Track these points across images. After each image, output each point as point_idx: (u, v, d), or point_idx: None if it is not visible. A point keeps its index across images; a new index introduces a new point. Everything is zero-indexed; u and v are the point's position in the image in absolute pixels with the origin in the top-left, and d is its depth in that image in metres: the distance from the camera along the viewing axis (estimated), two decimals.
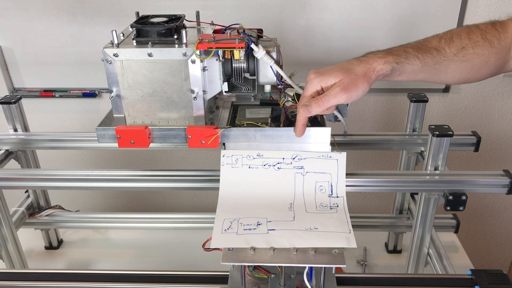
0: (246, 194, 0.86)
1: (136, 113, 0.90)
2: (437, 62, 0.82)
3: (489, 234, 1.90)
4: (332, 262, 0.72)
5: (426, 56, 0.81)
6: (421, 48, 0.82)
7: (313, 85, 0.79)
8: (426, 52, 0.82)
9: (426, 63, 0.81)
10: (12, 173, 1.04)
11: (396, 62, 0.80)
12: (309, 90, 0.80)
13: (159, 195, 1.86)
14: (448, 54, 0.82)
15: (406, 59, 0.80)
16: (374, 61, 0.79)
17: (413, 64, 0.81)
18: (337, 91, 0.76)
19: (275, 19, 1.44)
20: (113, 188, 1.05)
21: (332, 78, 0.78)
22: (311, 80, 0.80)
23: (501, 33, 0.82)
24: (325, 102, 0.78)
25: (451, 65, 0.82)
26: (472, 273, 0.83)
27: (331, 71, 0.78)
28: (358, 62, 0.79)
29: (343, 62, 0.82)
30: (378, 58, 0.79)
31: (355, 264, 1.32)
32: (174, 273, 0.86)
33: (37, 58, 1.53)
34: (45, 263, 1.36)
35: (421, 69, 0.82)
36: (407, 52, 0.81)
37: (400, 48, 0.82)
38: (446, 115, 1.63)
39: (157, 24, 0.88)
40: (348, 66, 0.79)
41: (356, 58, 0.82)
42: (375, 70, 0.79)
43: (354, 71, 0.78)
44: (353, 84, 0.77)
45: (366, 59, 0.80)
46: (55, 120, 1.66)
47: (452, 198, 0.93)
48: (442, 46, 0.82)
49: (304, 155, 0.87)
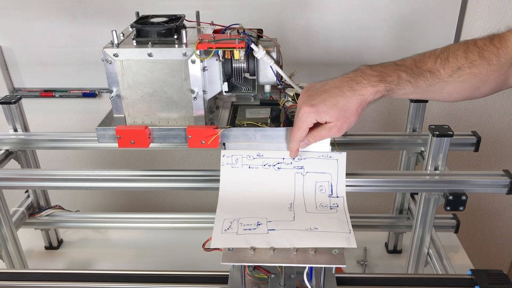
0: (246, 194, 0.86)
1: (136, 113, 0.90)
2: (430, 85, 0.80)
3: (489, 234, 1.90)
4: (332, 262, 0.72)
5: (419, 80, 0.80)
6: (414, 71, 0.80)
7: (310, 120, 0.79)
8: (419, 76, 0.80)
9: (418, 86, 0.80)
10: (12, 173, 1.04)
11: (387, 90, 0.79)
12: (305, 124, 0.80)
13: (159, 195, 1.86)
14: (443, 76, 0.80)
15: (397, 85, 0.79)
16: (366, 90, 0.78)
17: (404, 88, 0.80)
18: (333, 133, 0.80)
19: (275, 19, 1.44)
20: (113, 188, 1.05)
21: (327, 117, 0.78)
22: (306, 114, 0.79)
23: (500, 49, 0.79)
24: (321, 139, 0.83)
25: (446, 86, 0.80)
26: (472, 273, 0.83)
27: (326, 110, 0.78)
28: (352, 93, 0.78)
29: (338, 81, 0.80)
30: (371, 86, 0.78)
31: (355, 264, 1.32)
32: (174, 273, 0.86)
33: (37, 58, 1.53)
34: (45, 263, 1.36)
35: (413, 92, 0.81)
36: (400, 78, 0.79)
37: (394, 71, 0.80)
38: (446, 115, 1.63)
39: (157, 24, 0.88)
40: (342, 102, 0.78)
41: (348, 83, 0.79)
42: (366, 101, 0.79)
43: (348, 108, 0.78)
44: (346, 123, 0.79)
45: (359, 88, 0.78)
46: (55, 120, 1.66)
47: (452, 198, 0.93)
48: (437, 68, 0.80)
49: (304, 155, 0.87)
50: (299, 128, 0.81)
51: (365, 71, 0.80)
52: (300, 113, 0.80)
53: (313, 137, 0.82)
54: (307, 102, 0.79)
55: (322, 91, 0.80)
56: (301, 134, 0.81)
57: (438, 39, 1.46)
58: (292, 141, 0.84)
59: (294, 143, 0.84)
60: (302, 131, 0.81)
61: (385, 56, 1.48)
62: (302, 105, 0.80)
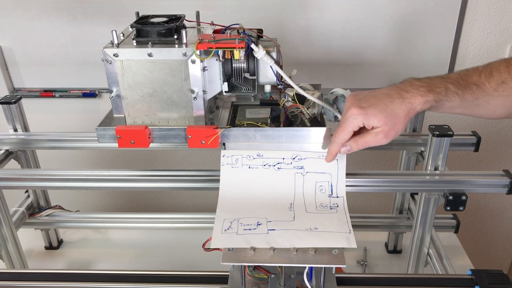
0: (246, 194, 0.86)
1: (136, 113, 0.90)
2: (476, 98, 0.80)
3: (489, 234, 1.90)
4: (332, 262, 0.72)
5: (466, 92, 0.79)
6: (461, 83, 0.80)
7: (356, 123, 0.78)
8: (466, 88, 0.79)
9: (465, 99, 0.80)
10: (12, 173, 1.04)
11: (435, 100, 0.78)
12: (351, 126, 0.78)
13: (159, 195, 1.86)
14: (488, 89, 0.79)
15: (445, 96, 0.79)
16: (415, 99, 0.78)
17: (451, 100, 0.79)
18: (379, 139, 0.78)
19: (275, 19, 1.44)
20: (113, 188, 1.05)
21: (376, 121, 0.77)
22: (354, 116, 0.77)
23: None
24: (365, 145, 0.79)
25: (491, 100, 0.80)
26: (472, 273, 0.83)
27: (375, 114, 0.77)
28: (401, 101, 0.77)
29: (387, 89, 0.80)
30: (420, 96, 0.78)
31: (355, 264, 1.32)
32: (174, 273, 0.86)
33: (37, 58, 1.52)
34: (45, 263, 1.36)
35: (459, 105, 0.80)
36: (447, 89, 0.79)
37: (442, 83, 0.80)
38: (446, 115, 1.63)
39: (157, 24, 0.88)
40: (392, 107, 0.77)
41: (398, 92, 0.79)
42: (415, 110, 0.78)
43: (396, 114, 0.77)
44: (393, 129, 0.78)
45: (408, 97, 0.78)
46: (55, 120, 1.66)
47: (452, 198, 0.93)
48: (482, 81, 0.80)
49: (304, 155, 0.87)
50: (344, 130, 0.79)
51: (413, 82, 0.80)
52: (347, 114, 0.78)
53: (357, 143, 0.79)
54: (356, 104, 0.78)
55: (372, 96, 0.79)
56: (345, 137, 0.79)
57: (438, 39, 1.46)
58: (334, 142, 0.81)
59: (335, 145, 0.81)
60: (347, 133, 0.79)
61: (385, 56, 1.49)
62: (351, 107, 0.78)
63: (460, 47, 1.49)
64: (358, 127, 0.79)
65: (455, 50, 1.48)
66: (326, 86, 1.07)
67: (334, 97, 0.94)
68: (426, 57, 1.49)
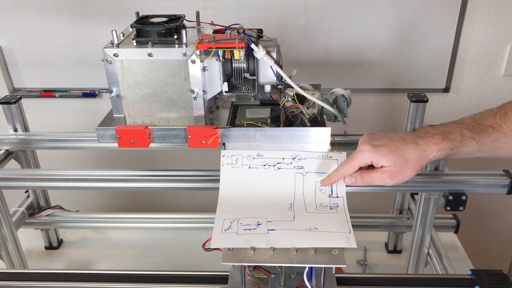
0: (246, 194, 0.86)
1: (136, 113, 0.90)
2: (494, 140, 0.79)
3: (489, 234, 1.90)
4: (332, 262, 0.72)
5: (482, 136, 0.79)
6: (476, 127, 0.79)
7: (364, 159, 0.78)
8: (482, 132, 0.79)
9: (483, 143, 0.79)
10: (12, 173, 1.04)
11: (450, 148, 0.78)
12: (358, 161, 0.79)
13: (159, 195, 1.86)
14: (505, 130, 0.79)
15: (461, 143, 0.78)
16: (428, 147, 0.78)
17: (469, 146, 0.79)
18: (385, 178, 0.78)
19: (275, 19, 1.44)
20: (113, 188, 1.05)
21: (384, 161, 0.77)
22: (363, 152, 0.78)
23: None
24: (370, 182, 0.79)
25: (510, 141, 0.79)
26: (472, 273, 0.83)
27: (385, 153, 0.77)
28: (414, 146, 0.77)
29: (403, 134, 0.80)
30: (434, 144, 0.78)
31: (355, 264, 1.32)
32: (174, 273, 0.86)
33: (37, 58, 1.52)
34: (45, 263, 1.36)
35: (478, 150, 0.80)
36: (463, 135, 0.79)
37: (456, 129, 0.79)
38: (446, 115, 1.63)
39: (157, 24, 0.88)
40: (403, 150, 0.77)
41: (413, 137, 0.79)
42: (427, 158, 0.78)
43: (407, 158, 0.77)
44: (401, 172, 0.77)
45: (422, 143, 0.78)
46: (55, 120, 1.66)
47: (452, 198, 0.93)
48: (498, 123, 0.79)
49: (304, 155, 0.87)
50: (350, 163, 0.79)
51: (428, 130, 0.81)
52: (357, 150, 0.79)
53: (362, 177, 0.80)
54: (368, 141, 0.79)
55: (386, 137, 0.80)
56: (349, 169, 0.80)
57: (438, 39, 1.46)
58: (337, 171, 0.82)
59: (337, 174, 0.82)
60: (352, 167, 0.79)
61: (385, 56, 1.49)
62: (363, 143, 0.79)
63: (460, 47, 1.49)
64: (365, 164, 0.79)
65: (455, 50, 1.48)
66: (326, 86, 1.07)
67: (334, 97, 0.94)
68: (426, 57, 1.49)
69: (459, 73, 1.54)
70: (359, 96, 1.59)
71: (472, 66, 1.53)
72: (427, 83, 1.54)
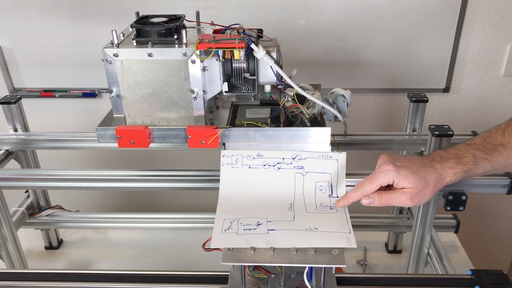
0: (246, 194, 0.86)
1: (136, 113, 0.90)
2: (507, 158, 0.80)
3: (489, 234, 1.90)
4: (332, 262, 0.72)
5: (494, 155, 0.79)
6: (487, 147, 0.80)
7: (386, 179, 0.78)
8: (493, 151, 0.79)
9: (495, 162, 0.80)
10: (12, 173, 1.04)
11: (465, 171, 0.79)
12: (380, 180, 0.78)
13: (159, 195, 1.86)
14: None
15: (475, 165, 0.79)
16: (445, 171, 0.78)
17: (482, 167, 0.79)
18: (404, 199, 0.77)
19: (275, 19, 1.44)
20: (113, 188, 1.05)
21: (406, 182, 0.77)
22: (386, 171, 0.78)
23: None
24: (388, 203, 0.79)
25: None
26: (472, 273, 0.83)
27: (407, 175, 0.77)
28: (432, 170, 0.78)
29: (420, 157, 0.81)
30: (449, 168, 0.78)
31: (355, 264, 1.32)
32: (174, 273, 0.86)
33: (37, 58, 1.53)
34: (45, 263, 1.36)
35: (492, 169, 0.80)
36: (475, 157, 0.79)
37: (468, 151, 0.80)
38: (446, 115, 1.63)
39: (157, 24, 0.88)
40: (424, 173, 0.77)
41: (429, 161, 0.80)
42: (444, 182, 0.79)
43: (427, 181, 0.77)
44: (421, 194, 0.77)
45: (439, 168, 0.78)
46: (55, 120, 1.66)
47: (452, 198, 0.93)
48: (508, 140, 0.80)
49: (304, 155, 0.87)
50: (372, 182, 0.78)
51: (442, 154, 0.81)
52: (380, 169, 0.79)
53: (380, 197, 0.78)
54: (390, 161, 0.78)
55: (406, 159, 0.80)
56: (370, 189, 0.79)
57: (438, 39, 1.46)
58: (357, 191, 0.80)
59: (357, 194, 0.80)
60: (374, 186, 0.79)
61: (385, 56, 1.49)
62: (386, 163, 0.79)
63: (460, 47, 1.49)
64: (387, 183, 0.79)
65: (455, 50, 1.48)
66: (326, 86, 1.07)
67: (334, 97, 0.94)
68: (426, 57, 1.49)
69: (459, 73, 1.54)
70: (359, 96, 1.59)
71: (472, 66, 1.53)
72: (427, 83, 1.54)
